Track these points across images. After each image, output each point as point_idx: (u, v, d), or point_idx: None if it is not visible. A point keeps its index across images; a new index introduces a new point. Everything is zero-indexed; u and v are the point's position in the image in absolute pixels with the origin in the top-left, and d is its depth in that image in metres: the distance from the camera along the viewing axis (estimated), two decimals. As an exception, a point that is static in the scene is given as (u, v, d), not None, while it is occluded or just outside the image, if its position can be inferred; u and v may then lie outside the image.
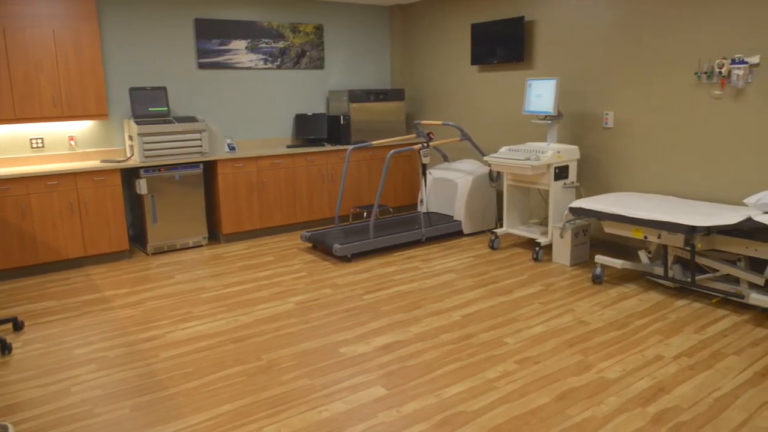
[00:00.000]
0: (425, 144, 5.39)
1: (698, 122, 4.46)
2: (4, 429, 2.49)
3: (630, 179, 4.99)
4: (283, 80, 6.56)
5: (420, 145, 5.34)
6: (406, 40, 7.15)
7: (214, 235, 5.99)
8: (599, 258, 4.45)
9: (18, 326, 3.81)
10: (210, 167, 5.83)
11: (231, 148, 6.00)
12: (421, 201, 6.11)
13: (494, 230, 5.46)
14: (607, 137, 5.10)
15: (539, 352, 3.32)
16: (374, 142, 5.79)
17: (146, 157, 5.31)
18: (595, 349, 3.34)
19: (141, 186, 5.30)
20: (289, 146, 6.36)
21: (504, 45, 5.78)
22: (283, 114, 6.63)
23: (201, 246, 5.76)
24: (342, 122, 6.50)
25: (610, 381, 2.98)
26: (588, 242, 4.99)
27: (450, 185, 5.97)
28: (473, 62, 6.14)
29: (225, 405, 2.85)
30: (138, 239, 5.78)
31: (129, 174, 5.67)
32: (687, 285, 4.02)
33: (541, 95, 5.13)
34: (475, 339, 3.51)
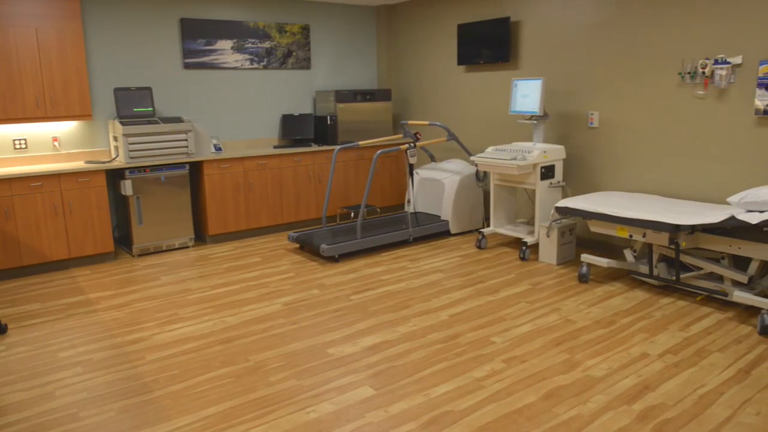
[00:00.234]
0: (412, 144, 5.39)
1: (682, 122, 4.50)
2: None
3: (615, 178, 5.03)
4: (270, 80, 6.53)
5: (407, 145, 5.34)
6: (393, 41, 7.16)
7: (201, 237, 5.96)
8: (585, 257, 4.48)
9: (1, 329, 3.76)
10: (196, 168, 5.80)
11: (217, 149, 5.97)
12: (409, 201, 6.12)
13: (481, 230, 5.48)
14: (593, 137, 5.14)
15: (526, 351, 3.34)
16: (361, 143, 5.78)
17: (131, 158, 5.27)
18: (582, 348, 3.37)
19: (126, 187, 5.26)
20: (276, 147, 6.34)
21: (490, 45, 5.81)
22: (270, 114, 6.61)
23: (187, 247, 5.72)
24: (329, 122, 6.49)
25: (597, 379, 3.01)
26: (574, 241, 5.02)
27: (437, 185, 5.98)
28: (460, 62, 6.16)
29: (212, 407, 2.83)
30: (123, 241, 5.73)
31: (114, 175, 5.62)
32: (672, 283, 4.06)
33: (527, 95, 5.16)
34: (463, 338, 3.52)
